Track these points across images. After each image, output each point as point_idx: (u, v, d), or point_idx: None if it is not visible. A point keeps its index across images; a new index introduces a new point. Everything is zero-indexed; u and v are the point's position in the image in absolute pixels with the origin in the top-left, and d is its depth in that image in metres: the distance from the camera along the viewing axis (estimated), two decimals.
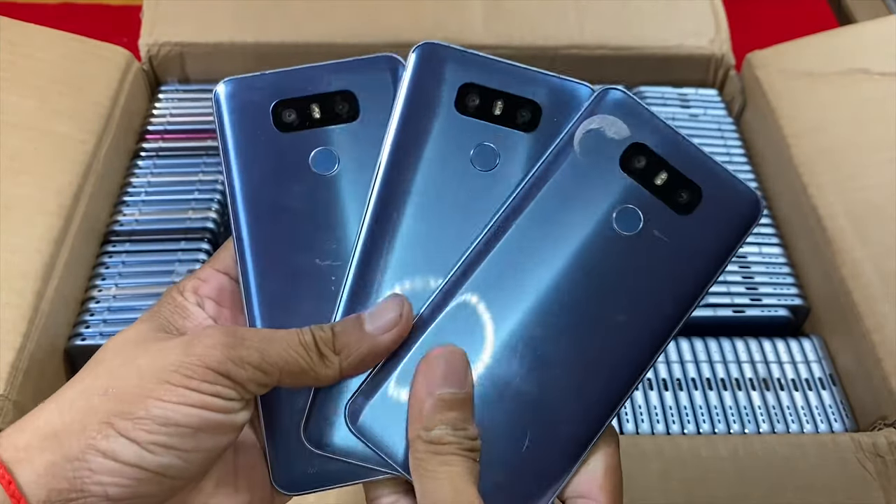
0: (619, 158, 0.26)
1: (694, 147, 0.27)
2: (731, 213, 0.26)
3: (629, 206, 0.26)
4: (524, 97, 0.28)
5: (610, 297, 0.26)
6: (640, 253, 0.26)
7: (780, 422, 0.48)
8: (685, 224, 0.26)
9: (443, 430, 0.24)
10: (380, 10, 0.65)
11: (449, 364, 0.25)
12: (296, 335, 0.25)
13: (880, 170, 0.55)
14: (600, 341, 0.26)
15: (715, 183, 0.26)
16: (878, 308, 0.49)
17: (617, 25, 0.66)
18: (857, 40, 0.64)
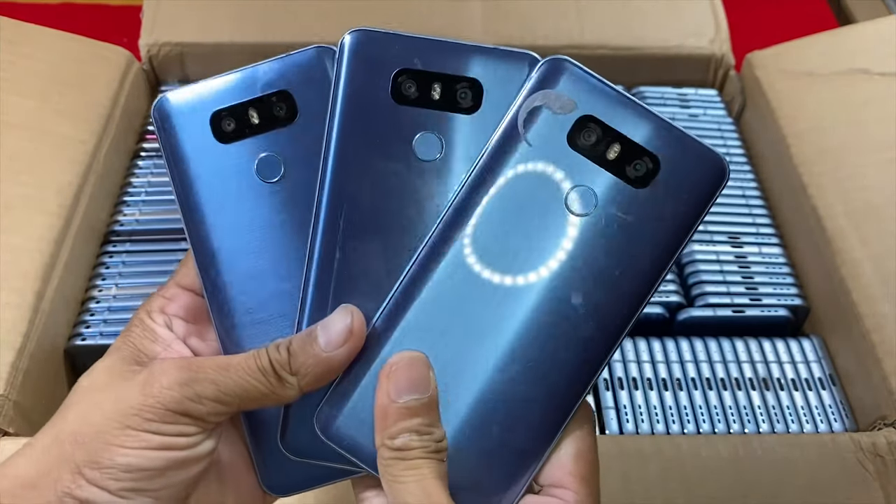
0: (566, 135, 0.25)
1: (648, 112, 0.25)
2: (694, 180, 0.24)
3: (582, 186, 0.25)
4: (462, 76, 0.26)
5: (570, 281, 0.25)
6: (598, 233, 0.25)
7: (779, 422, 0.48)
8: (644, 197, 0.24)
9: (407, 437, 0.24)
10: (380, 10, 0.65)
11: (410, 370, 0.24)
12: (253, 361, 0.25)
13: (880, 170, 0.55)
14: (563, 327, 0.25)
15: (674, 150, 0.24)
16: (878, 308, 0.49)
17: (617, 25, 0.66)
18: (857, 40, 0.64)
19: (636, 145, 0.25)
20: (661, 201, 0.24)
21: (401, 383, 0.24)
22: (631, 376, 0.49)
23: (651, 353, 0.50)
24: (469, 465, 0.25)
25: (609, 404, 0.48)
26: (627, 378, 0.49)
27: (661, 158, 0.24)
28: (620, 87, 0.26)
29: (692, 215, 0.24)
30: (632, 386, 0.49)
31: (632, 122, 0.25)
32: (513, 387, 0.25)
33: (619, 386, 0.49)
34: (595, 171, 0.25)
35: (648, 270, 0.25)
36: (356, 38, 0.27)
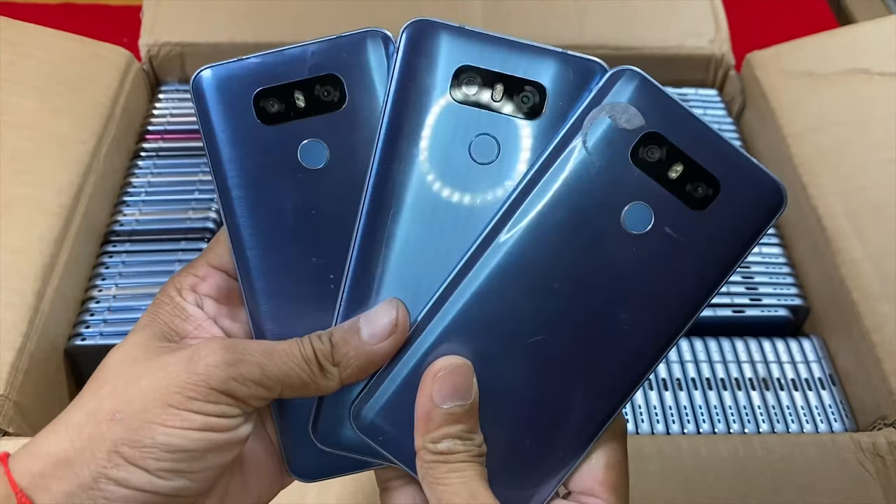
0: (630, 150, 0.24)
1: (713, 133, 0.24)
2: (752, 206, 0.24)
3: (640, 203, 0.24)
4: (527, 79, 0.25)
5: (616, 296, 0.25)
6: (650, 251, 0.24)
7: (779, 422, 0.48)
8: (700, 220, 0.24)
9: (451, 442, 0.24)
10: (379, 10, 0.65)
11: (455, 377, 0.25)
12: (297, 348, 0.25)
13: (880, 170, 0.55)
14: (606, 341, 0.25)
15: (735, 174, 0.24)
16: (878, 308, 0.49)
17: (617, 25, 0.66)
18: (857, 40, 0.64)
19: (699, 167, 0.24)
20: (718, 225, 0.24)
21: (446, 389, 0.25)
22: None
23: None
24: (503, 465, 0.25)
25: None
26: None
27: (721, 182, 0.24)
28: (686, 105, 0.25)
29: (746, 241, 0.24)
30: None
31: (697, 142, 0.24)
32: (552, 393, 0.25)
33: None
34: (654, 188, 0.24)
35: (696, 292, 0.25)
36: (416, 29, 0.26)
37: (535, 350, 0.25)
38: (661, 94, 0.24)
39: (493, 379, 0.25)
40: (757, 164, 0.24)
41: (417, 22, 0.26)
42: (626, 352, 0.25)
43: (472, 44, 0.26)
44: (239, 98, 0.26)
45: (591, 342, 0.25)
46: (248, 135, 0.26)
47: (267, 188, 0.27)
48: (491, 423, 0.25)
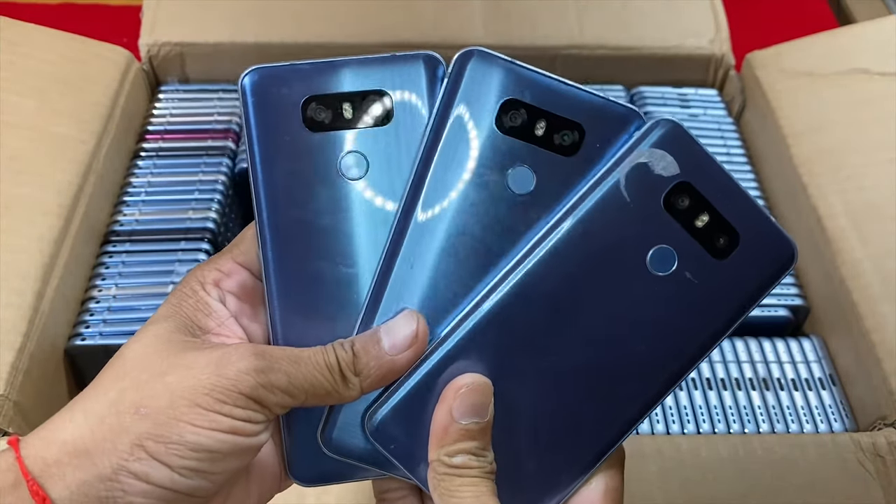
0: (663, 196, 0.26)
1: (738, 188, 0.27)
2: (766, 260, 0.26)
3: (666, 247, 0.26)
4: (569, 119, 0.27)
5: (632, 331, 0.26)
6: (668, 292, 0.26)
7: (779, 422, 0.48)
8: (718, 268, 0.26)
9: (465, 457, 0.25)
10: (379, 10, 0.65)
11: (476, 395, 0.25)
12: (321, 357, 0.25)
13: (880, 170, 0.55)
14: (617, 372, 0.26)
15: (754, 228, 0.26)
16: (878, 308, 0.49)
17: (617, 25, 0.66)
18: (857, 40, 0.64)
19: (723, 219, 0.26)
20: (734, 275, 0.26)
21: (465, 405, 0.25)
22: None
23: None
24: (509, 484, 0.26)
25: None
26: None
27: (742, 235, 0.26)
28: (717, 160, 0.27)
29: (757, 291, 0.26)
30: None
31: (724, 195, 0.26)
32: (560, 417, 0.26)
33: None
34: (681, 234, 0.26)
35: (708, 335, 0.26)
36: (467, 59, 0.27)
37: (549, 374, 0.26)
38: (696, 145, 0.26)
39: (507, 399, 0.26)
40: (774, 223, 0.27)
41: (470, 52, 0.27)
42: (634, 385, 0.26)
43: (520, 79, 0.27)
44: (288, 102, 0.27)
45: (603, 372, 0.26)
46: (291, 139, 0.27)
47: (303, 193, 0.27)
48: (500, 442, 0.26)
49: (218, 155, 0.60)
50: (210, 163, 0.59)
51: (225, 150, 0.60)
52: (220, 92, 0.64)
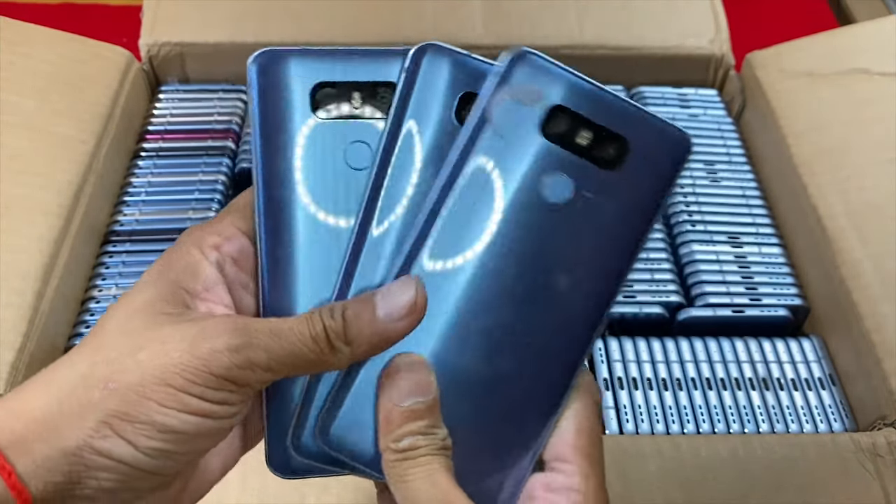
0: (537, 126, 0.25)
1: (612, 96, 0.26)
2: (661, 157, 0.26)
3: (557, 174, 0.25)
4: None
5: (553, 267, 0.25)
6: (576, 218, 0.25)
7: (779, 422, 0.48)
8: (616, 179, 0.25)
9: (412, 438, 0.24)
10: (379, 10, 0.65)
11: (412, 373, 0.25)
12: (306, 327, 0.24)
13: (880, 170, 0.55)
14: (550, 314, 0.25)
15: (640, 130, 0.25)
16: (878, 308, 0.49)
17: (617, 25, 0.66)
18: (857, 40, 0.64)
19: (605, 130, 0.25)
20: (633, 180, 0.25)
21: (403, 387, 0.24)
22: (631, 376, 0.49)
23: (651, 352, 0.50)
24: (472, 456, 0.25)
25: (609, 404, 0.48)
26: (627, 378, 0.49)
27: (629, 140, 0.25)
28: (582, 74, 0.26)
29: (662, 190, 0.26)
30: (632, 386, 0.49)
31: (598, 107, 0.26)
32: (505, 374, 0.25)
33: (619, 386, 0.49)
34: (568, 158, 0.25)
35: (626, 247, 0.26)
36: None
37: (485, 337, 0.25)
38: (557, 68, 0.26)
39: (451, 373, 0.25)
40: (658, 118, 0.26)
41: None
42: (571, 320, 0.25)
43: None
44: (297, 86, 0.27)
45: (536, 318, 0.25)
46: (298, 124, 0.27)
47: (306, 176, 0.27)
48: (453, 419, 0.25)
49: (218, 155, 0.60)
50: (210, 163, 0.59)
51: (225, 150, 0.60)
52: (220, 92, 0.64)
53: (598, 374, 0.49)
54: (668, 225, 0.58)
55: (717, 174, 0.60)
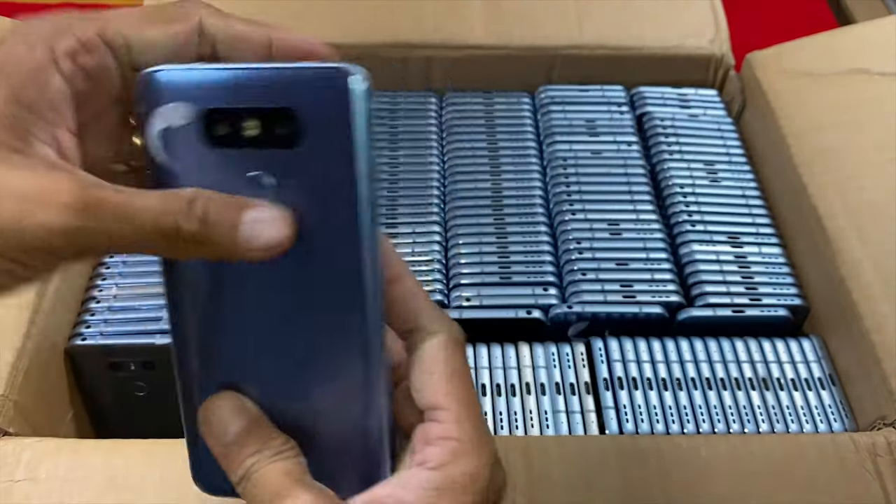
0: (203, 140, 0.23)
1: (256, 70, 0.23)
2: (333, 103, 0.23)
3: (248, 176, 0.23)
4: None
5: (296, 261, 0.24)
6: (290, 203, 0.23)
7: (779, 422, 0.48)
8: (307, 151, 0.23)
9: (249, 462, 0.24)
10: (379, 10, 0.65)
11: (216, 412, 0.25)
12: (159, 221, 0.21)
13: (880, 170, 0.55)
14: (314, 300, 0.24)
15: (298, 92, 0.23)
16: (878, 308, 0.49)
17: (617, 26, 0.66)
18: (857, 40, 0.64)
19: (266, 109, 0.23)
20: (324, 142, 0.23)
21: (216, 428, 0.25)
22: (630, 376, 0.49)
23: (651, 352, 0.50)
24: (326, 456, 0.26)
25: (609, 404, 0.48)
26: (627, 378, 0.49)
27: (293, 108, 0.23)
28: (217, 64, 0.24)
29: (352, 135, 0.23)
30: (631, 386, 0.49)
31: (246, 90, 0.23)
32: (312, 370, 0.25)
33: (619, 386, 0.49)
34: (250, 156, 0.23)
35: (350, 201, 0.23)
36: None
37: (280, 348, 0.25)
38: (191, 71, 0.23)
39: (260, 388, 0.25)
40: (309, 66, 0.23)
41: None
42: (336, 296, 0.24)
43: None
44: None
45: (305, 311, 0.25)
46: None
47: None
48: (292, 428, 0.25)
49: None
50: None
51: None
52: None
53: (598, 374, 0.49)
54: (667, 225, 0.58)
55: (717, 174, 0.60)
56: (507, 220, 0.57)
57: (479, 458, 0.24)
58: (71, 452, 0.40)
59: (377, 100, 0.65)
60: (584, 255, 0.55)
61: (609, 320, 0.52)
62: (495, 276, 0.54)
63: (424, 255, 0.55)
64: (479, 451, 0.24)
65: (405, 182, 0.60)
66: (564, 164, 0.60)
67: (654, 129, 0.63)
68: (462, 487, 0.23)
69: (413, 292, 0.26)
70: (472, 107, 0.65)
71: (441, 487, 0.23)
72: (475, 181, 0.59)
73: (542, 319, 0.51)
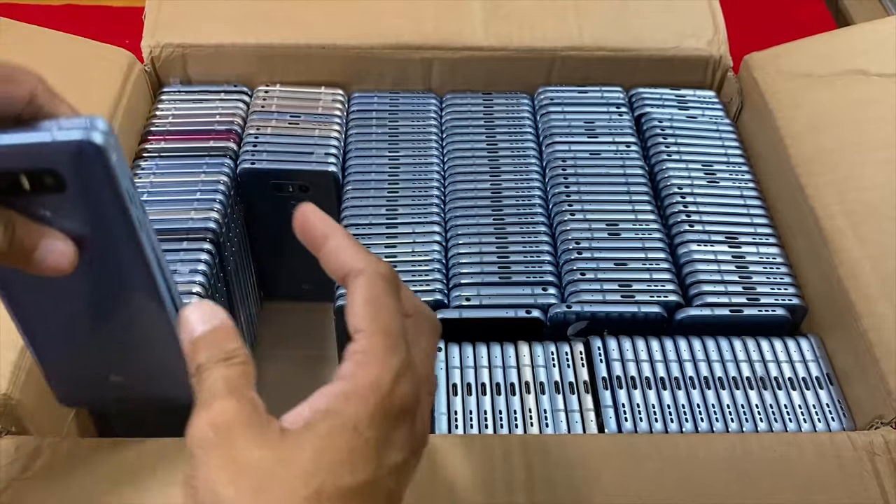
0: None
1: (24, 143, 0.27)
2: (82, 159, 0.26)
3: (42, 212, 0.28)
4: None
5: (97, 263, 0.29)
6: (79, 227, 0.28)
7: (777, 421, 0.48)
8: (75, 190, 0.27)
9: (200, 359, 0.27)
10: (380, 12, 0.66)
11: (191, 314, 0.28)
12: None
13: (878, 170, 0.55)
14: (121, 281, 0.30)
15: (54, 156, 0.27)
16: (876, 307, 0.49)
17: (615, 27, 0.66)
18: (855, 42, 0.64)
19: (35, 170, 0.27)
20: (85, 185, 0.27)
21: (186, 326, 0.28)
22: (629, 375, 0.49)
23: (649, 352, 0.51)
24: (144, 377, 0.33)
25: (607, 403, 0.48)
26: (626, 377, 0.49)
27: (54, 167, 0.27)
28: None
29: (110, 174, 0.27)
30: (630, 385, 0.49)
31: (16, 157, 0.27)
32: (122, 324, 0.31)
33: (618, 385, 0.49)
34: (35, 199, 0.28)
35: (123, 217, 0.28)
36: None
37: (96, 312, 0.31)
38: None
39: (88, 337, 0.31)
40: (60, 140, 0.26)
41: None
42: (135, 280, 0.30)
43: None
44: None
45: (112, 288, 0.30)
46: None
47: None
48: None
49: (220, 156, 0.60)
50: (212, 163, 0.59)
51: (227, 151, 0.60)
52: (221, 93, 0.64)
53: (597, 373, 0.49)
54: (666, 225, 0.58)
55: (716, 175, 0.60)
56: (506, 221, 0.57)
57: (381, 367, 0.26)
58: (73, 451, 0.40)
59: (378, 100, 0.65)
60: (583, 255, 0.55)
61: (608, 320, 0.52)
62: (495, 276, 0.54)
63: (424, 254, 0.55)
64: (382, 362, 0.26)
65: (405, 182, 0.60)
66: (563, 164, 0.60)
67: (653, 130, 0.63)
68: (364, 393, 0.26)
69: (341, 245, 0.29)
70: (471, 107, 0.65)
71: (346, 393, 0.26)
72: (475, 181, 0.60)
73: (541, 319, 0.51)
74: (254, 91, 0.65)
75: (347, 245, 0.29)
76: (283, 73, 0.65)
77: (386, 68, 0.65)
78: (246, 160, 0.60)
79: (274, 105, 0.64)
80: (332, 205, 0.61)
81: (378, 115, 0.64)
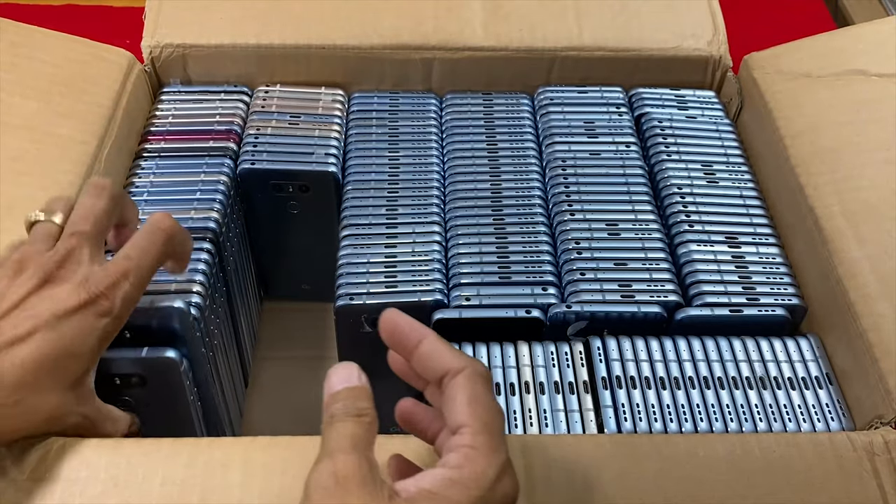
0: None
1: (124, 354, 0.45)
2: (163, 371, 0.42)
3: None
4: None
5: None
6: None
7: (777, 421, 0.48)
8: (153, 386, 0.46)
9: (333, 409, 0.31)
10: (380, 12, 0.66)
11: (338, 370, 0.32)
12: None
13: (877, 170, 0.55)
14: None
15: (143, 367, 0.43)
16: (875, 307, 0.49)
17: (615, 27, 0.66)
18: (855, 42, 0.64)
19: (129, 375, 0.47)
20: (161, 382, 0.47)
21: (329, 381, 0.32)
22: (629, 375, 0.49)
23: (649, 352, 0.51)
24: None
25: (607, 403, 0.48)
26: (625, 377, 0.49)
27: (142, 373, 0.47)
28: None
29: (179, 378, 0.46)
30: (629, 385, 0.49)
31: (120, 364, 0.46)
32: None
33: (617, 385, 0.49)
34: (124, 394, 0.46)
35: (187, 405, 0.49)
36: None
37: None
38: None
39: None
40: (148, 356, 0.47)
41: None
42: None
43: None
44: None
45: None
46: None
47: None
48: None
49: (220, 156, 0.60)
50: (212, 163, 0.59)
51: (227, 151, 0.60)
52: (221, 93, 0.64)
53: (597, 373, 0.49)
54: (665, 225, 0.58)
55: (715, 175, 0.61)
56: (506, 220, 0.57)
57: (487, 461, 0.29)
58: (73, 452, 0.40)
59: (378, 100, 0.66)
60: (583, 255, 0.55)
61: (607, 320, 0.52)
62: (495, 276, 0.54)
63: (424, 254, 0.55)
64: (489, 457, 0.29)
65: (405, 182, 0.60)
66: (563, 164, 0.60)
67: (653, 130, 0.63)
68: (469, 483, 0.29)
69: (436, 348, 0.32)
70: (471, 107, 0.65)
71: (452, 480, 0.29)
72: (475, 181, 0.60)
73: (541, 319, 0.51)
74: (254, 91, 0.65)
75: (443, 347, 0.32)
76: (283, 73, 0.65)
77: (386, 68, 0.65)
78: (246, 160, 0.60)
79: (274, 105, 0.64)
80: (332, 205, 0.61)
81: (378, 116, 0.65)
